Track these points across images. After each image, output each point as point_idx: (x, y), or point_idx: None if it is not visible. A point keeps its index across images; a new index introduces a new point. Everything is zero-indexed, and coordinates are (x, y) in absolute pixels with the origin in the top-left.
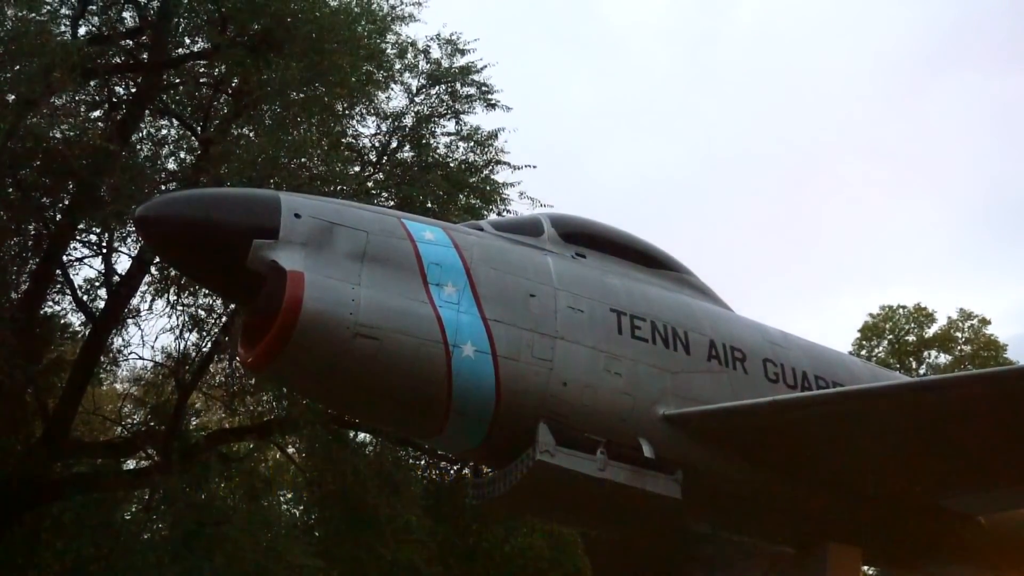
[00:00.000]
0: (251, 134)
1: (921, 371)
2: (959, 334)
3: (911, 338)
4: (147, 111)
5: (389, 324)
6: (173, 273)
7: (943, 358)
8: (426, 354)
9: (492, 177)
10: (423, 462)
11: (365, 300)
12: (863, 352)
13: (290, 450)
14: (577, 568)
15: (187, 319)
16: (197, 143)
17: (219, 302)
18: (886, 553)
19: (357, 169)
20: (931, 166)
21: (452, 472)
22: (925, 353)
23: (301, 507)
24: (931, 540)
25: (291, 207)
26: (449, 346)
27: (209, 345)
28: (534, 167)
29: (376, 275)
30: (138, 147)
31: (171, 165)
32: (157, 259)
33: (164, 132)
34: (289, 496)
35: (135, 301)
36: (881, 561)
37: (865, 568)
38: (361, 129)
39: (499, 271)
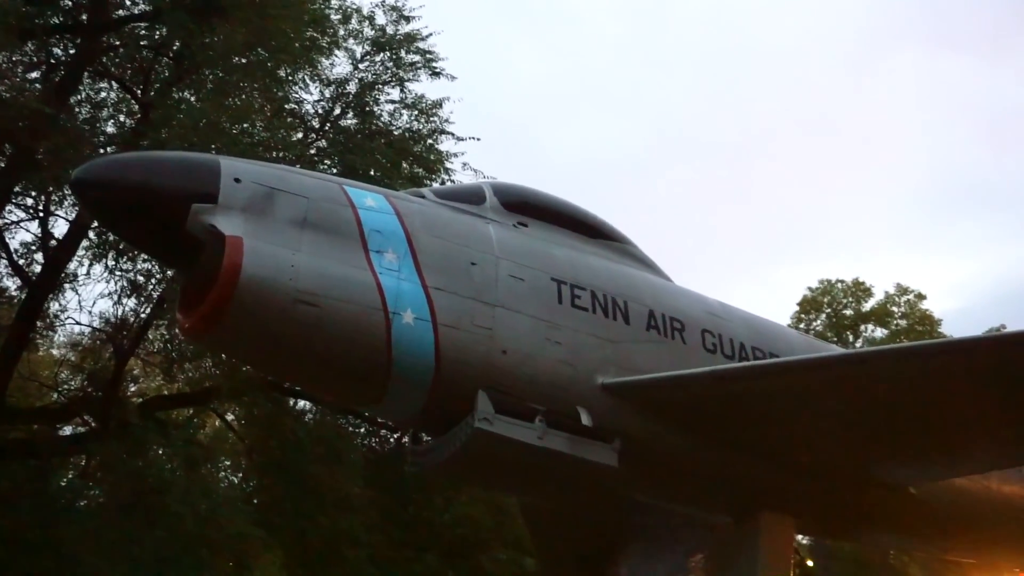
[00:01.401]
0: (193, 99)
1: (858, 345)
2: (895, 308)
3: (849, 312)
4: (86, 73)
5: (329, 291)
6: (111, 238)
7: (880, 332)
8: (366, 321)
9: (436, 147)
10: (364, 430)
11: (305, 267)
12: (802, 325)
13: (230, 418)
14: (517, 537)
15: (126, 284)
16: (137, 107)
17: (158, 267)
18: (820, 522)
19: (300, 136)
20: (873, 143)
21: (393, 440)
22: (862, 327)
23: (241, 475)
24: (863, 510)
25: (231, 172)
26: (389, 313)
27: (148, 311)
28: (478, 139)
29: (316, 242)
30: (77, 110)
31: (110, 129)
32: (95, 223)
33: (103, 95)
34: (229, 464)
35: (72, 266)
36: (815, 530)
37: (800, 537)
38: (304, 95)
39: (441, 239)
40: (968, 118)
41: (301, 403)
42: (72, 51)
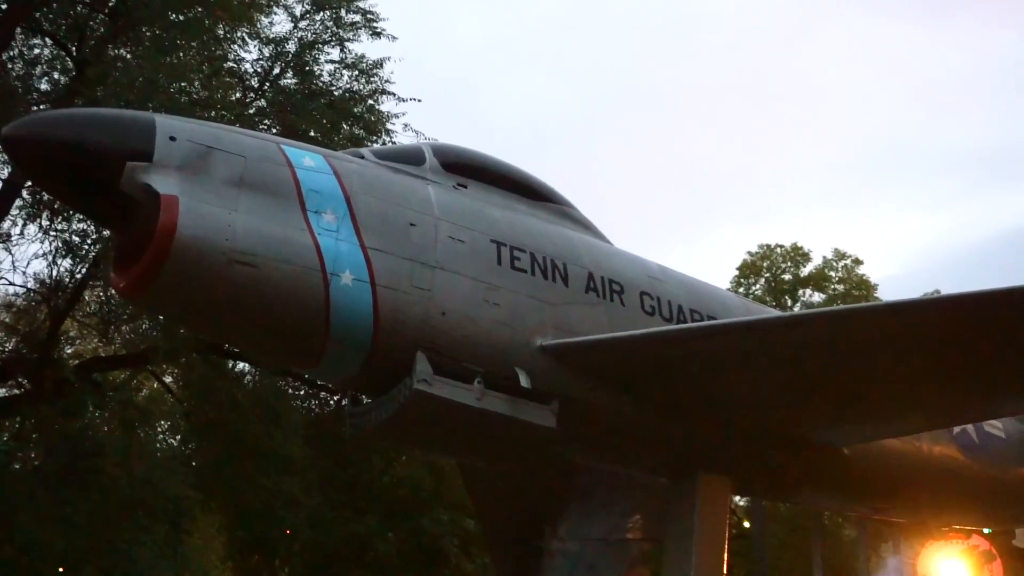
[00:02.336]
0: (129, 56)
1: (796, 309)
2: (833, 273)
3: (787, 277)
4: (19, 30)
5: (266, 251)
6: (46, 197)
7: (817, 296)
8: (304, 282)
9: (377, 108)
10: (303, 392)
11: (242, 227)
12: (741, 290)
13: (167, 380)
14: (457, 499)
15: (60, 244)
16: (72, 64)
17: (94, 227)
18: (755, 483)
19: (238, 95)
20: (811, 109)
21: (332, 403)
22: (800, 292)
23: (179, 438)
24: (798, 471)
25: (166, 130)
26: (327, 274)
27: (83, 271)
28: (419, 100)
29: (254, 201)
30: (9, 67)
31: (44, 86)
32: (28, 182)
33: (37, 52)
34: (166, 427)
35: (6, 225)
36: (751, 491)
37: (737, 499)
38: (243, 54)
39: (380, 200)
40: (906, 84)
41: (241, 365)
42: (3, 6)
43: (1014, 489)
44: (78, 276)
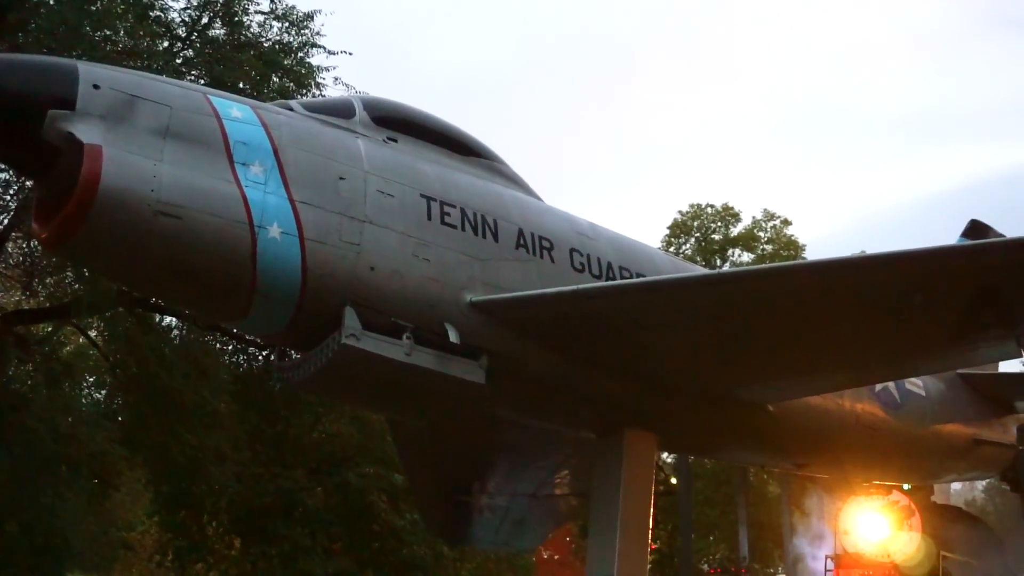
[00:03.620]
0: (52, 2)
1: (725, 269)
2: (762, 234)
3: (717, 236)
4: None
5: (192, 203)
6: None
7: (746, 256)
8: (230, 235)
9: (307, 60)
10: (231, 347)
11: (167, 177)
12: (672, 249)
13: (92, 333)
14: (386, 454)
15: None
16: None
17: (15, 177)
18: (681, 439)
19: (165, 45)
20: (744, 71)
21: (261, 358)
22: (730, 251)
23: (104, 393)
24: (724, 427)
25: (90, 77)
26: (255, 227)
27: (5, 222)
28: (350, 54)
29: (179, 152)
30: None
31: None
32: None
33: None
34: (92, 381)
35: None
36: (677, 447)
37: (664, 456)
38: (170, 2)
39: (308, 152)
40: (836, 47)
41: (167, 319)
42: None
43: (933, 445)
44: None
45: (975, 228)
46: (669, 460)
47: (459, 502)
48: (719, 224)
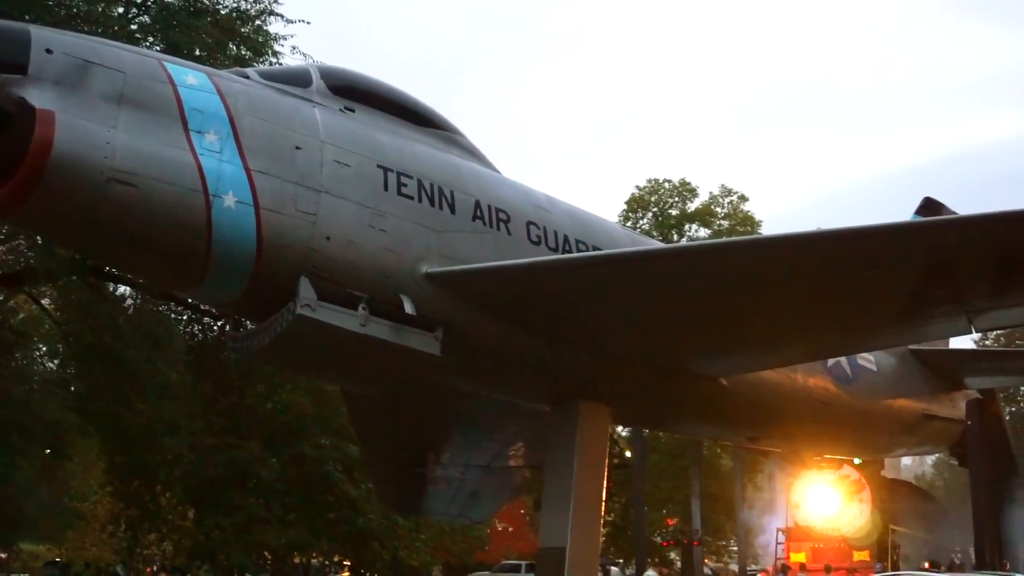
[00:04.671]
0: None
1: (682, 243)
2: (719, 209)
3: (674, 212)
4: None
5: (147, 170)
6: None
7: (703, 232)
8: (185, 203)
9: (264, 28)
10: (186, 317)
11: (121, 144)
12: (629, 223)
13: (45, 302)
14: (341, 425)
15: None
16: None
17: None
18: (635, 412)
19: (120, 10)
20: (705, 48)
21: (216, 328)
22: (687, 227)
23: (57, 361)
24: (677, 400)
25: (43, 42)
26: (209, 195)
27: None
28: (308, 22)
29: (134, 119)
30: None
31: None
32: None
33: None
34: (45, 350)
35: None
36: (632, 420)
37: (619, 429)
38: None
39: (265, 121)
40: (797, 26)
41: (121, 289)
42: None
43: (883, 420)
44: None
45: (928, 205)
46: (624, 433)
47: (413, 473)
48: (676, 199)
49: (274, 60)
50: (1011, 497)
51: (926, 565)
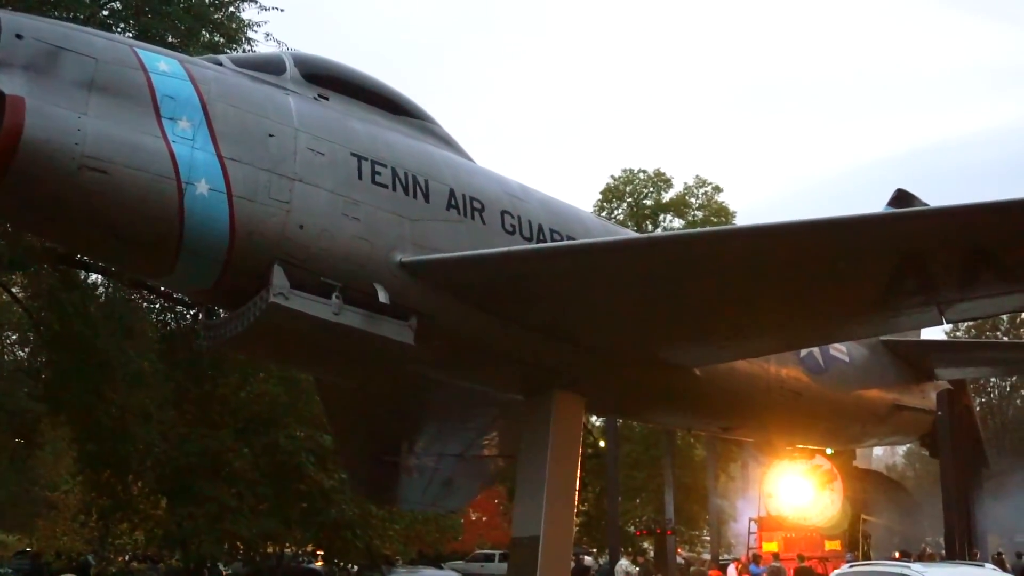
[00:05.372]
0: None
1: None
2: (694, 200)
3: (649, 202)
4: None
5: (118, 157)
6: None
7: (678, 222)
8: (157, 190)
9: (238, 15)
10: (158, 306)
11: (92, 131)
12: (604, 213)
13: (15, 289)
14: (314, 415)
15: None
16: None
17: None
18: (609, 402)
19: None
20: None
21: (188, 317)
22: (661, 217)
23: (28, 350)
24: (651, 390)
25: (13, 27)
26: (182, 183)
27: None
28: (281, 10)
29: (105, 105)
30: None
31: None
32: None
33: None
34: (15, 338)
35: None
36: (605, 409)
37: (593, 419)
38: None
39: (238, 108)
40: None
41: (93, 276)
42: None
43: (855, 410)
44: None
45: (900, 197)
46: (598, 423)
47: (387, 462)
48: (651, 190)
49: (247, 47)
50: (981, 487)
51: (897, 555)
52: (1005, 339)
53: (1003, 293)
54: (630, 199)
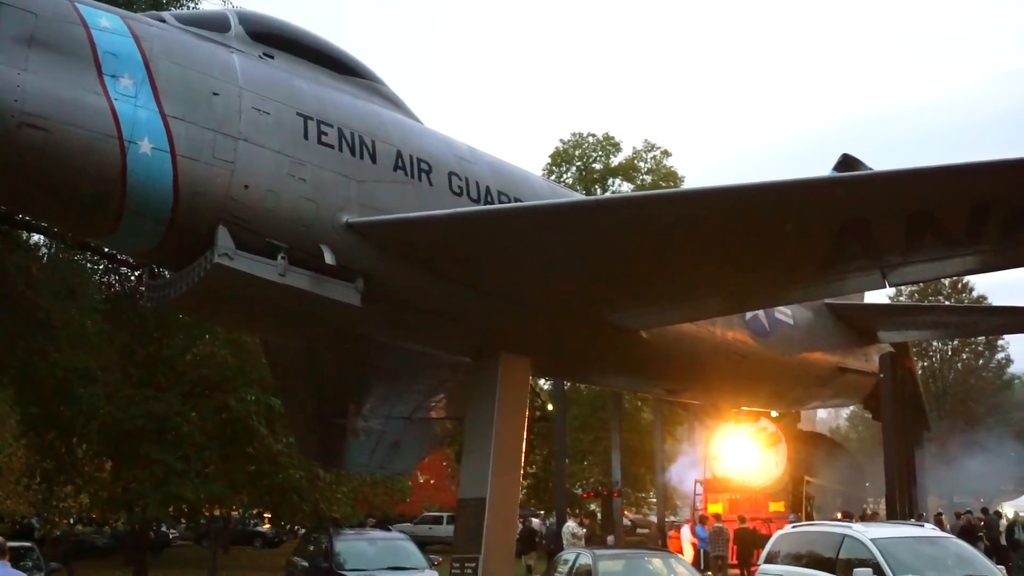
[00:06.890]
0: None
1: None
2: (642, 164)
3: (598, 166)
4: None
5: (59, 115)
6: None
7: (626, 186)
8: (99, 149)
9: None
10: (102, 267)
11: (33, 88)
12: (553, 177)
13: None
14: (262, 377)
15: None
16: None
17: None
18: (556, 364)
19: None
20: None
21: (133, 278)
22: (610, 181)
23: None
24: (597, 352)
25: None
26: (124, 141)
27: None
28: None
29: (45, 62)
30: None
31: None
32: None
33: None
34: None
35: None
36: (552, 372)
37: (541, 382)
38: None
39: (181, 66)
40: None
41: (36, 237)
42: None
43: (799, 372)
44: None
45: (846, 162)
46: (546, 387)
47: (334, 425)
48: (600, 154)
49: (191, 4)
50: (922, 449)
51: (839, 515)
52: (947, 303)
53: (945, 257)
54: (579, 163)
